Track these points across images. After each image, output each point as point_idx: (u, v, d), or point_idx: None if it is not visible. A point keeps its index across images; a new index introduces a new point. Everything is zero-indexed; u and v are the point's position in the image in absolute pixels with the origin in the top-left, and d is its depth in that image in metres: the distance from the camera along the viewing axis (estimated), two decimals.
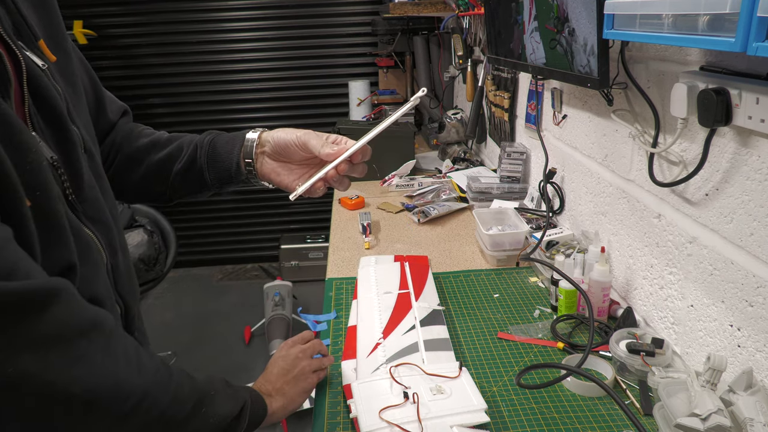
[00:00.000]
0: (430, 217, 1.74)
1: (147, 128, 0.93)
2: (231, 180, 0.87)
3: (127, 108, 0.92)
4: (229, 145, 0.87)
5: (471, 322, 1.15)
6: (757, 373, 0.77)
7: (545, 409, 0.89)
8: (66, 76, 0.68)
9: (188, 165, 0.86)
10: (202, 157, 0.86)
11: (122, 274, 0.72)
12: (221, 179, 0.87)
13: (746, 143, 0.77)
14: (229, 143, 0.87)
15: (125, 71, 3.59)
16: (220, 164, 0.86)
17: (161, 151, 0.87)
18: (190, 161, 0.86)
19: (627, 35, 0.85)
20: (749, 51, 0.58)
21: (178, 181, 0.87)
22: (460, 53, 2.30)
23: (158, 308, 3.45)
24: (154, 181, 0.88)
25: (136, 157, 0.87)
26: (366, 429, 0.79)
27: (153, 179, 0.88)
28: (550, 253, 1.30)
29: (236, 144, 0.87)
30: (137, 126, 0.92)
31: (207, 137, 0.88)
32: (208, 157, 0.86)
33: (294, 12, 3.54)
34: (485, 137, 2.33)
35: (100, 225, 0.67)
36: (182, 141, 0.88)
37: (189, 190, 0.89)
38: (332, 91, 3.70)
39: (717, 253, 0.85)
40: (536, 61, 1.33)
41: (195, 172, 0.87)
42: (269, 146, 0.86)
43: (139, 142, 0.88)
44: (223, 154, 0.86)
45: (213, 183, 0.87)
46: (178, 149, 0.87)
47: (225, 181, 0.88)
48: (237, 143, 0.87)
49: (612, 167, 1.20)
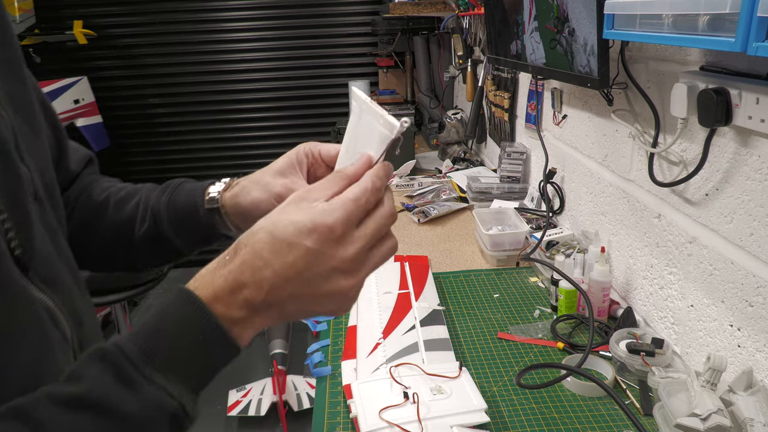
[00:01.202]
0: (430, 217, 1.74)
1: (108, 180, 0.76)
2: (210, 242, 0.69)
3: (92, 156, 0.76)
4: (190, 204, 0.67)
5: (471, 322, 1.15)
6: (757, 373, 0.77)
7: (545, 409, 0.89)
8: (18, 104, 0.54)
9: (151, 233, 0.69)
10: (165, 225, 0.68)
11: None
12: (197, 244, 0.69)
13: (746, 143, 0.77)
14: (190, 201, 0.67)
15: (125, 71, 3.58)
16: (191, 229, 0.68)
17: (119, 211, 0.70)
18: (151, 231, 0.69)
19: (627, 35, 0.85)
20: (749, 51, 0.58)
21: (144, 249, 0.70)
22: (460, 53, 2.30)
23: None
24: (116, 247, 0.71)
25: (92, 218, 0.70)
26: (366, 429, 0.79)
27: (113, 245, 0.71)
28: (550, 253, 1.30)
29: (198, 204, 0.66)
30: (98, 178, 0.76)
31: (163, 198, 0.69)
32: (173, 225, 0.68)
33: (294, 12, 3.54)
34: (485, 137, 2.33)
35: (58, 288, 0.51)
36: (138, 201, 0.70)
37: (161, 259, 0.72)
38: (332, 91, 3.70)
39: (717, 253, 0.85)
40: (536, 61, 1.33)
41: (162, 242, 0.69)
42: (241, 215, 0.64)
43: (96, 199, 0.71)
44: (189, 219, 0.67)
45: (187, 249, 0.70)
46: (134, 213, 0.70)
47: (203, 245, 0.70)
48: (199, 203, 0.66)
49: (612, 167, 1.20)
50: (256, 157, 3.86)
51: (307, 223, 0.44)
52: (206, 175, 3.26)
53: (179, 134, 3.75)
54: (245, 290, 0.44)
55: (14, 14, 2.98)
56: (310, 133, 3.80)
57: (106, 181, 0.75)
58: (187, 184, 0.69)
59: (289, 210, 0.46)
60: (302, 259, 0.44)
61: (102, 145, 3.36)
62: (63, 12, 3.40)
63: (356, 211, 0.46)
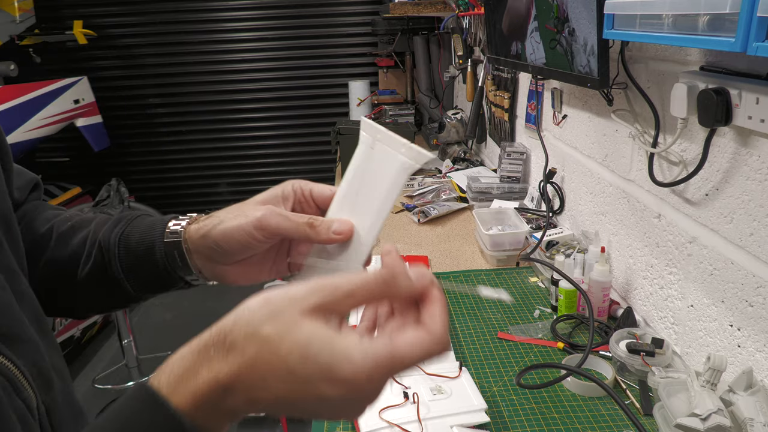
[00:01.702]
0: (430, 217, 1.74)
1: (53, 208, 0.65)
2: (166, 288, 0.59)
3: (38, 181, 0.65)
4: (146, 241, 0.57)
5: (471, 322, 1.15)
6: (757, 373, 0.77)
7: (545, 409, 0.89)
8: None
9: (97, 273, 0.58)
10: (113, 263, 0.57)
11: (63, 416, 0.48)
12: (150, 288, 0.59)
13: (746, 143, 0.77)
14: (145, 238, 0.57)
15: (125, 71, 3.59)
16: (144, 271, 0.57)
17: (61, 248, 0.59)
18: (97, 269, 0.58)
19: (627, 35, 0.85)
20: (749, 51, 0.58)
21: (88, 291, 0.59)
22: (460, 53, 2.30)
23: (158, 308, 3.45)
24: (54, 288, 0.59)
25: (31, 253, 0.58)
26: (366, 429, 0.79)
27: (52, 286, 0.59)
28: (550, 253, 1.30)
29: (155, 241, 0.56)
30: (42, 205, 0.64)
31: (115, 231, 0.58)
32: (122, 263, 0.57)
33: (294, 12, 3.54)
34: (485, 137, 2.33)
35: (20, 345, 0.44)
36: (86, 234, 0.60)
37: (106, 304, 0.61)
38: (332, 91, 3.70)
39: (717, 253, 0.85)
40: (536, 61, 1.33)
41: (108, 282, 0.58)
42: (213, 251, 0.54)
43: (37, 231, 0.60)
44: (142, 256, 0.57)
45: (139, 293, 0.59)
46: (81, 248, 0.58)
47: (156, 290, 0.59)
48: (156, 239, 0.56)
49: (612, 167, 1.20)
50: (256, 156, 3.86)
51: (333, 372, 0.34)
52: (206, 175, 3.28)
53: (179, 134, 3.76)
54: (231, 399, 0.35)
55: (14, 14, 2.98)
56: (310, 133, 3.80)
57: (51, 209, 0.64)
58: (146, 218, 0.60)
59: (305, 327, 0.35)
60: (315, 401, 0.35)
61: (102, 145, 3.36)
62: (63, 12, 3.40)
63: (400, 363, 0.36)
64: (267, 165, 3.88)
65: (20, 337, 0.44)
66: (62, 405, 0.48)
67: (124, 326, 2.35)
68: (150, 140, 3.75)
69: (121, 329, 2.35)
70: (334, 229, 0.50)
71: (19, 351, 0.43)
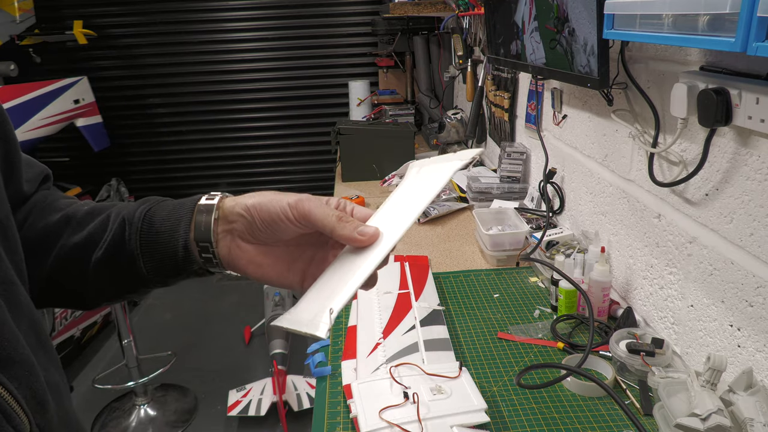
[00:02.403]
0: (430, 217, 1.74)
1: (65, 197, 0.64)
2: (178, 272, 0.57)
3: (48, 173, 0.65)
4: (173, 218, 0.56)
5: (471, 322, 1.15)
6: (757, 373, 0.77)
7: (545, 409, 0.89)
8: None
9: (113, 250, 0.56)
10: (132, 237, 0.56)
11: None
12: (163, 270, 0.57)
13: (746, 143, 0.77)
14: (173, 215, 0.57)
15: (125, 71, 3.59)
16: (161, 247, 0.56)
17: (77, 231, 0.58)
18: (115, 245, 0.56)
19: (627, 35, 0.85)
20: (749, 51, 0.58)
21: (100, 275, 0.57)
22: (460, 53, 2.30)
23: (158, 308, 3.45)
24: (67, 274, 0.58)
25: (43, 242, 0.58)
26: (366, 429, 0.79)
27: (65, 272, 0.58)
28: (550, 253, 1.30)
29: (182, 217, 0.56)
30: (53, 193, 0.63)
31: (141, 207, 0.58)
32: (142, 238, 0.56)
33: (294, 12, 3.54)
34: (485, 137, 2.33)
35: (11, 365, 0.41)
36: (108, 215, 0.59)
37: (117, 289, 0.59)
38: (332, 91, 3.71)
39: (717, 253, 0.85)
40: (536, 61, 1.33)
41: (123, 260, 0.56)
42: (242, 222, 0.54)
43: (49, 219, 0.59)
44: (164, 233, 0.56)
45: (151, 275, 0.57)
46: (101, 228, 0.57)
47: (169, 273, 0.57)
48: (183, 215, 0.56)
49: (612, 167, 1.20)
50: (256, 156, 3.86)
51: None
52: (206, 175, 3.29)
53: (179, 134, 3.76)
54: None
55: (14, 14, 2.98)
56: (310, 133, 3.80)
57: (64, 198, 0.63)
58: (173, 200, 0.59)
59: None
60: None
61: (102, 145, 3.37)
62: (63, 12, 3.40)
63: None
64: (267, 165, 3.88)
65: (13, 358, 0.42)
66: (58, 426, 0.46)
67: (124, 326, 2.35)
68: (150, 140, 3.76)
69: (121, 329, 2.35)
70: (360, 230, 0.51)
71: (12, 373, 0.41)
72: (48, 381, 0.46)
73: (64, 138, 3.43)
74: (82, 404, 2.53)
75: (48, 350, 0.49)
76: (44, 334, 0.50)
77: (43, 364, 0.46)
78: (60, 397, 0.48)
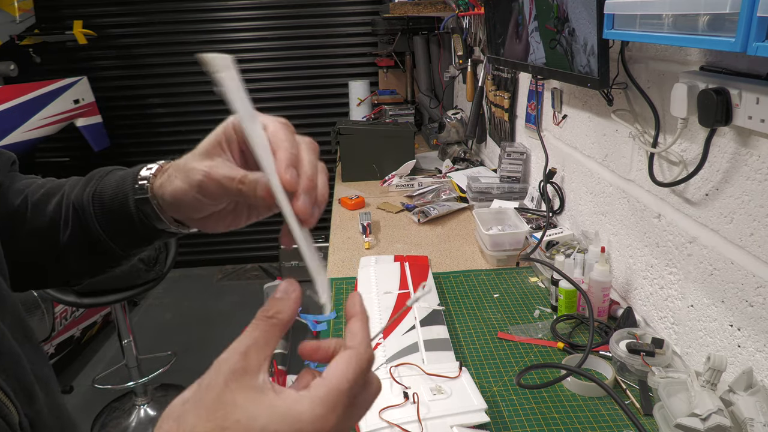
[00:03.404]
0: (430, 217, 1.74)
1: (26, 178, 0.62)
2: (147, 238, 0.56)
3: (15, 159, 0.63)
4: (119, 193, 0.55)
5: (471, 322, 1.15)
6: (757, 373, 0.77)
7: (545, 409, 0.89)
8: None
9: (76, 232, 0.56)
10: (89, 219, 0.56)
11: (50, 429, 0.47)
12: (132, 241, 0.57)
13: (746, 143, 0.77)
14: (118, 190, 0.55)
15: (125, 71, 3.59)
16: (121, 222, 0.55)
17: (39, 214, 0.57)
18: (75, 226, 0.56)
19: (627, 35, 0.85)
20: (749, 51, 0.58)
21: (73, 256, 0.57)
22: (460, 53, 2.30)
23: (158, 308, 3.45)
24: (42, 259, 0.58)
25: (10, 227, 0.57)
26: (366, 429, 0.79)
27: (39, 257, 0.58)
28: (550, 253, 1.30)
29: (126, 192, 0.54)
30: (14, 176, 0.62)
31: (87, 190, 0.57)
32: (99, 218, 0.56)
33: (294, 12, 3.54)
34: (485, 137, 2.33)
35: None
36: (61, 196, 0.58)
37: (96, 265, 0.60)
38: (332, 91, 3.70)
39: (717, 253, 0.85)
40: (536, 61, 1.33)
41: (90, 240, 0.56)
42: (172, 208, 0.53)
43: (11, 203, 0.58)
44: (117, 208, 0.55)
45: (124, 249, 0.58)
46: (56, 210, 0.57)
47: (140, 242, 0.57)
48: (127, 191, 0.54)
49: (612, 167, 1.20)
50: None
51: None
52: None
53: (179, 134, 3.76)
54: None
55: (14, 14, 2.98)
56: (310, 133, 3.78)
57: (23, 179, 0.61)
58: (117, 172, 0.57)
59: (238, 400, 0.32)
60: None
61: (102, 145, 3.36)
62: (63, 12, 3.40)
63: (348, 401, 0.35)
64: None
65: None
66: (48, 417, 0.45)
67: (124, 326, 2.35)
68: (150, 140, 3.75)
69: (121, 329, 2.35)
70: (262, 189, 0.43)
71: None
72: (36, 374, 0.46)
73: (64, 138, 3.43)
74: (81, 404, 2.53)
75: (35, 345, 0.49)
76: (28, 328, 0.49)
77: (30, 358, 0.46)
78: (49, 390, 0.48)
